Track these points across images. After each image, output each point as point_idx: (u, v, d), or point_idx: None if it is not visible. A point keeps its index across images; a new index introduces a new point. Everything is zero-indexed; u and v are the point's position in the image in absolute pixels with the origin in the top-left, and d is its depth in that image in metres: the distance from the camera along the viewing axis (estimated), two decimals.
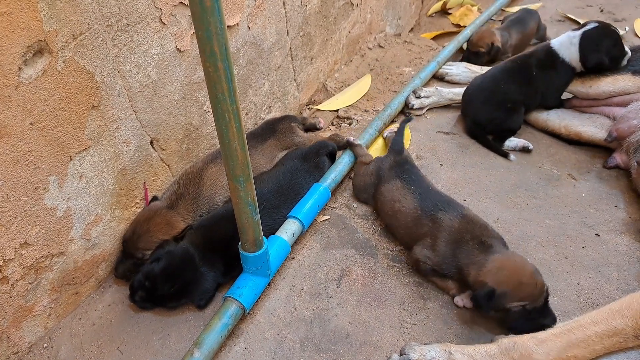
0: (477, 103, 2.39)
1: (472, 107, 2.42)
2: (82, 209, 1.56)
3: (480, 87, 2.41)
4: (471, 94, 2.44)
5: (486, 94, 2.37)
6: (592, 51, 2.22)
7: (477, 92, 2.41)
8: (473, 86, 2.45)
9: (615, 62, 2.25)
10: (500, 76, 2.39)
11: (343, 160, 2.09)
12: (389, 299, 1.66)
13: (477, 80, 2.45)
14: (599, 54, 2.21)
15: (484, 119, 2.36)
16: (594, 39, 2.22)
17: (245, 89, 2.16)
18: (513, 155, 2.29)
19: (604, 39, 2.22)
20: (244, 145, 1.27)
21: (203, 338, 1.42)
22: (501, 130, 2.36)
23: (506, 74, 2.38)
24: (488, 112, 2.35)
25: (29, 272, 1.45)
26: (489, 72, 2.48)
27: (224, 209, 1.77)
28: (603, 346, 1.35)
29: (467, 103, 2.45)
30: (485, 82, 2.41)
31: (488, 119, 2.35)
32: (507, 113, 2.33)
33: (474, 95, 2.42)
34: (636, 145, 2.09)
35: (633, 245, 1.83)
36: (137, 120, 1.65)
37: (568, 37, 2.29)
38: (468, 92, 2.46)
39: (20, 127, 1.29)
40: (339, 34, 2.79)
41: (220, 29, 1.05)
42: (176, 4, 1.64)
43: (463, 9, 3.85)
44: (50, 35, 1.29)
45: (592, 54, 2.22)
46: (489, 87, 2.38)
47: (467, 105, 2.45)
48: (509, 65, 2.42)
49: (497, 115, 2.33)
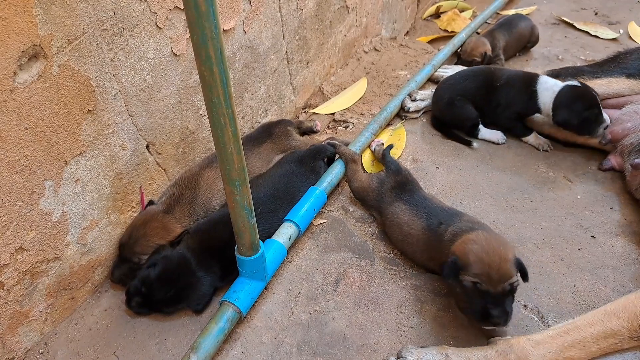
0: (441, 98, 2.47)
1: (437, 101, 2.50)
2: (78, 213, 1.55)
3: (446, 82, 2.51)
4: (438, 89, 2.52)
5: (450, 89, 2.45)
6: (564, 108, 2.16)
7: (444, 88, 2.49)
8: (442, 82, 2.55)
9: (586, 126, 2.15)
10: (466, 74, 2.49)
11: (339, 164, 2.09)
12: (386, 302, 1.66)
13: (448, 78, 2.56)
14: (571, 113, 2.14)
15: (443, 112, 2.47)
16: (570, 97, 2.16)
17: (242, 93, 2.16)
18: (476, 143, 2.37)
19: (579, 100, 2.14)
20: (240, 149, 1.27)
21: (200, 342, 1.42)
22: (460, 121, 2.43)
23: (472, 74, 2.47)
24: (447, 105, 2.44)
25: (25, 277, 1.45)
26: (463, 70, 2.60)
27: (220, 213, 1.77)
28: (599, 347, 1.35)
29: (435, 97, 2.53)
30: (453, 78, 2.51)
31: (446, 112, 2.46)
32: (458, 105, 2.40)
33: (441, 90, 2.50)
34: (631, 147, 2.10)
35: (628, 247, 1.84)
36: (133, 124, 1.65)
37: (555, 82, 2.25)
38: (437, 88, 2.54)
39: (16, 132, 1.29)
40: (334, 38, 2.80)
41: (216, 33, 1.05)
42: (172, 9, 1.64)
43: (450, 14, 3.86)
44: (45, 40, 1.29)
45: (563, 110, 2.16)
46: (453, 82, 2.47)
47: (434, 99, 2.53)
48: (481, 69, 2.51)
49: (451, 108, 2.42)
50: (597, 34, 3.50)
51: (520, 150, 2.36)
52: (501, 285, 1.38)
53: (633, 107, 2.22)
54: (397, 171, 1.93)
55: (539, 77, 2.31)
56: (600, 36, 3.48)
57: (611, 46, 3.32)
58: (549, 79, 2.29)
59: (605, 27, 3.59)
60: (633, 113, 2.19)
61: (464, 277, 1.42)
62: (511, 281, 1.39)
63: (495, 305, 1.38)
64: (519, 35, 3.18)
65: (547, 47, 3.34)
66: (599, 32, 3.51)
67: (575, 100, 2.15)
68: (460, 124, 2.45)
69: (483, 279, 1.39)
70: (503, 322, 1.39)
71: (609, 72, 2.35)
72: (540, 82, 2.28)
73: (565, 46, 3.37)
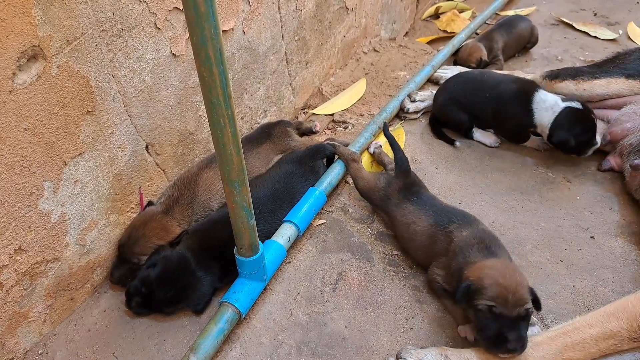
0: (436, 100, 2.51)
1: (434, 102, 2.53)
2: (77, 214, 1.55)
3: (443, 85, 2.56)
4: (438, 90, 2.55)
5: (444, 93, 2.49)
6: (563, 131, 2.13)
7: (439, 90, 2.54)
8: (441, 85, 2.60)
9: (579, 148, 2.15)
10: (458, 80, 2.50)
11: (339, 164, 2.09)
12: (385, 302, 1.66)
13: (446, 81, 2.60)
14: (569, 137, 2.12)
15: (439, 114, 2.51)
16: (571, 120, 2.12)
17: (241, 94, 2.16)
18: (458, 143, 2.40)
19: (579, 125, 2.12)
20: (239, 149, 1.27)
21: (199, 343, 1.42)
22: (452, 124, 2.47)
23: (463, 80, 2.48)
24: (440, 108, 2.49)
25: (24, 278, 1.45)
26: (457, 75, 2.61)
27: (219, 214, 1.77)
28: (598, 349, 1.35)
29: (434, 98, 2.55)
30: (448, 81, 2.55)
31: (440, 115, 2.50)
32: (449, 110, 2.44)
33: (438, 92, 2.53)
34: (630, 148, 2.10)
35: (628, 248, 1.84)
36: (132, 125, 1.65)
37: (555, 100, 2.19)
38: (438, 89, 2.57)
39: (15, 133, 1.29)
40: (334, 38, 2.80)
41: (215, 33, 1.05)
42: (171, 9, 1.64)
43: (450, 15, 3.86)
44: (44, 41, 1.29)
45: (562, 133, 2.13)
46: (448, 86, 2.50)
47: (434, 100, 2.55)
48: (473, 76, 2.51)
49: (444, 111, 2.46)
50: (597, 34, 3.51)
51: (519, 151, 2.36)
52: (517, 310, 1.35)
53: (632, 107, 2.22)
54: (407, 172, 1.91)
55: (535, 93, 2.23)
56: (599, 37, 3.49)
57: (610, 47, 3.33)
58: (547, 95, 2.22)
59: (604, 27, 3.60)
60: (632, 114, 2.19)
61: (479, 302, 1.38)
62: (527, 306, 1.36)
63: (511, 330, 1.34)
64: (518, 35, 3.19)
65: (547, 48, 3.35)
66: (598, 33, 3.52)
67: (575, 124, 2.12)
68: (454, 127, 2.47)
69: (499, 301, 1.36)
70: (520, 348, 1.33)
71: (608, 72, 2.35)
72: (536, 101, 2.21)
73: (564, 47, 3.38)
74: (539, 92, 2.24)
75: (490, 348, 1.37)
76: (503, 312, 1.35)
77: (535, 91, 2.24)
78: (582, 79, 2.36)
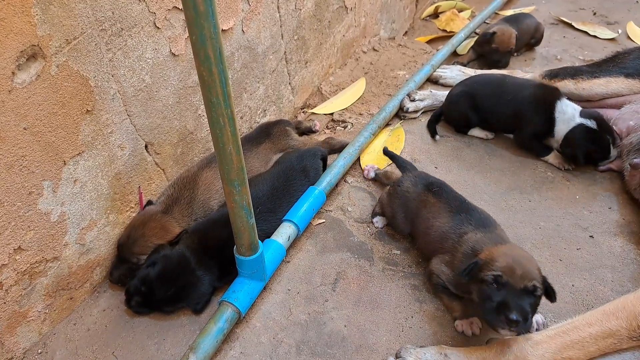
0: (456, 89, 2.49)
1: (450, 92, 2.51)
2: (77, 213, 1.55)
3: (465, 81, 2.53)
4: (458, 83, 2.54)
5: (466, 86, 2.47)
6: (572, 147, 2.14)
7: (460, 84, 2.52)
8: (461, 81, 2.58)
9: (591, 163, 2.18)
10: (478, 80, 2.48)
11: (338, 164, 2.09)
12: (385, 302, 1.67)
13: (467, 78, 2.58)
14: (579, 152, 2.13)
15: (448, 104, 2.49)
16: (581, 137, 2.11)
17: (240, 93, 2.16)
18: (438, 136, 2.43)
19: (589, 142, 2.12)
20: (239, 149, 1.27)
21: (198, 342, 1.42)
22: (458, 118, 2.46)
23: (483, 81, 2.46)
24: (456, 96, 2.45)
25: (23, 277, 1.45)
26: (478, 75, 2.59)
27: (219, 213, 1.77)
28: (597, 347, 1.35)
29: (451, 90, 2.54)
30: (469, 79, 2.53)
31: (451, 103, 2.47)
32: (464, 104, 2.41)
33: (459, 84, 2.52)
34: (629, 147, 2.10)
35: (627, 247, 1.84)
36: (132, 124, 1.65)
37: (573, 113, 2.15)
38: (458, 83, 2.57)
39: (14, 132, 1.28)
40: (333, 38, 2.79)
41: (215, 33, 1.05)
42: (170, 9, 1.64)
43: (449, 14, 3.86)
44: (44, 40, 1.29)
45: (571, 149, 2.14)
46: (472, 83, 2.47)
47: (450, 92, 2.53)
48: (499, 77, 2.46)
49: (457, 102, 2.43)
50: (596, 34, 3.51)
51: (519, 151, 2.36)
52: (524, 282, 1.31)
53: (632, 106, 2.22)
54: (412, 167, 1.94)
55: (557, 102, 2.20)
56: (598, 36, 3.49)
57: (609, 46, 3.33)
58: (567, 107, 2.18)
59: (603, 27, 3.60)
60: (632, 112, 2.19)
61: (485, 273, 1.36)
62: (535, 283, 1.32)
63: (515, 300, 1.29)
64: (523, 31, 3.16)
65: (546, 47, 3.35)
66: (598, 32, 3.52)
67: (584, 142, 2.11)
68: (457, 123, 2.47)
69: (506, 271, 1.33)
70: (522, 321, 1.27)
71: (608, 71, 2.35)
72: (559, 110, 2.18)
73: (563, 46, 3.38)
74: (562, 101, 2.21)
75: (490, 319, 1.33)
76: (509, 281, 1.32)
77: (559, 99, 2.21)
78: (581, 78, 2.37)
